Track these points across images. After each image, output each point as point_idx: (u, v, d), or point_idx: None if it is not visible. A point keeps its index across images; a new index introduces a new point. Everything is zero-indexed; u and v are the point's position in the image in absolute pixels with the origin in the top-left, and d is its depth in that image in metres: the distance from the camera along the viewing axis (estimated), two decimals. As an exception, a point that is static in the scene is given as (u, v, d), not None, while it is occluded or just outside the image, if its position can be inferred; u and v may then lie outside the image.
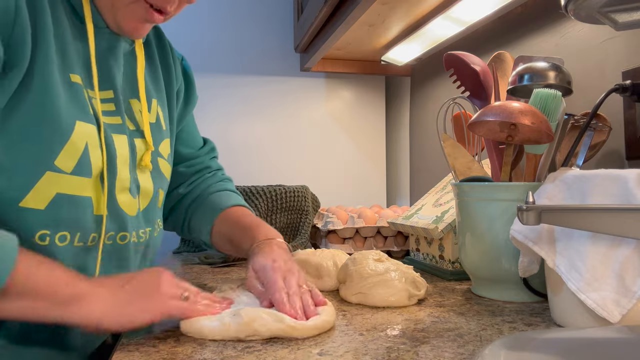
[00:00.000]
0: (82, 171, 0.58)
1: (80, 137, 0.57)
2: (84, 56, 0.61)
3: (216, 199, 0.84)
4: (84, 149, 0.58)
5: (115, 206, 0.62)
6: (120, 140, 0.64)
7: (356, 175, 1.66)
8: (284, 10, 1.59)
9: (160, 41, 0.80)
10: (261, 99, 1.57)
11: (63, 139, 0.56)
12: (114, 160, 0.62)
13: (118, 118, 0.65)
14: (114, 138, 0.63)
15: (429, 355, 0.47)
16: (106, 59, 0.65)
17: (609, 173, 0.54)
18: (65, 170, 0.56)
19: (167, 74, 0.80)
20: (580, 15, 0.60)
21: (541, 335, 0.46)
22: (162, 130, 0.75)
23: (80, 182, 0.58)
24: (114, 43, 0.66)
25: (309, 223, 1.16)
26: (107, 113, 0.64)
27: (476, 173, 0.77)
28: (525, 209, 0.51)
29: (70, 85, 0.58)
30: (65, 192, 0.57)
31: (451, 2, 1.01)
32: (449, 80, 0.85)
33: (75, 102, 0.58)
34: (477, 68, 0.78)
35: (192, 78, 0.87)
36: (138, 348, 0.51)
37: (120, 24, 0.63)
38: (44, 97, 0.54)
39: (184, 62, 0.86)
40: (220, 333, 0.53)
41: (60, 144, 0.55)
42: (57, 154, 0.55)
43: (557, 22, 0.91)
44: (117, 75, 0.66)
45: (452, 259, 0.86)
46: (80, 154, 0.57)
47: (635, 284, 0.50)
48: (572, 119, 0.75)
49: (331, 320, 0.56)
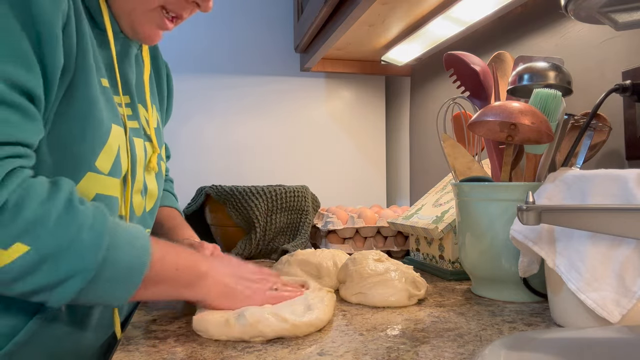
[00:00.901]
0: (116, 172, 0.60)
1: (115, 140, 0.60)
2: (106, 62, 0.63)
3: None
4: (117, 151, 0.60)
5: (131, 207, 0.65)
6: (139, 143, 0.67)
7: (356, 175, 1.66)
8: (284, 10, 1.59)
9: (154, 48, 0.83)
10: (261, 99, 1.57)
11: (103, 140, 0.58)
12: (135, 162, 0.64)
13: (136, 122, 0.68)
14: (134, 141, 0.65)
15: (429, 355, 0.47)
16: (123, 65, 0.67)
17: (609, 173, 0.54)
18: (103, 172, 0.58)
19: (159, 80, 0.83)
20: (580, 15, 0.60)
21: (541, 335, 0.45)
22: (162, 134, 0.78)
23: (112, 183, 0.60)
24: (127, 49, 0.68)
25: (309, 223, 1.16)
26: (128, 117, 0.66)
27: (476, 173, 0.77)
28: (525, 209, 0.51)
29: (103, 89, 0.60)
30: (102, 192, 0.59)
31: (451, 2, 1.01)
32: (449, 80, 0.85)
33: (109, 105, 0.60)
34: (477, 68, 0.78)
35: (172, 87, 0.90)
36: (138, 348, 0.51)
37: (137, 30, 0.65)
38: (87, 100, 0.56)
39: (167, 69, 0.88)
40: (225, 333, 0.53)
41: (101, 146, 0.58)
42: (97, 155, 0.57)
43: (557, 22, 0.91)
44: (132, 80, 0.69)
45: (452, 259, 0.86)
46: (115, 156, 0.59)
47: (635, 284, 0.50)
48: (572, 119, 0.75)
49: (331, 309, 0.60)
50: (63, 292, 0.48)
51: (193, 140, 1.51)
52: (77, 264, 0.47)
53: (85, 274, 0.47)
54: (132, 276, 0.51)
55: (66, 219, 0.48)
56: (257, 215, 1.08)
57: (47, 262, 0.46)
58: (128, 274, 0.51)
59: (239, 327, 0.52)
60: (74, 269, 0.47)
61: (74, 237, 0.47)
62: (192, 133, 1.51)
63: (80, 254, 0.47)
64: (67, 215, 0.48)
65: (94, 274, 0.48)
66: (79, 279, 0.47)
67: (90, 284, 0.48)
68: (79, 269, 0.47)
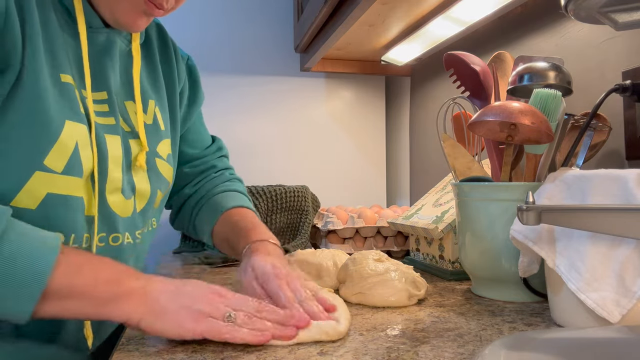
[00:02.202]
0: (73, 171, 0.57)
1: (70, 137, 0.56)
2: (76, 56, 0.61)
3: (220, 200, 0.83)
4: (74, 148, 0.57)
5: (105, 207, 0.62)
6: (113, 140, 0.63)
7: (356, 175, 1.66)
8: (284, 10, 1.59)
9: (163, 41, 0.79)
10: (261, 99, 1.57)
11: (52, 138, 0.55)
12: (105, 160, 0.61)
13: (112, 119, 0.64)
14: (106, 138, 0.62)
15: (429, 355, 0.47)
16: (100, 60, 0.65)
17: (609, 173, 0.54)
18: (55, 170, 0.55)
19: (168, 74, 0.79)
20: (580, 15, 0.60)
21: (541, 335, 0.45)
22: (160, 131, 0.74)
23: (71, 182, 0.57)
24: (109, 43, 0.66)
25: (309, 223, 1.16)
26: (100, 113, 0.63)
27: (476, 173, 0.77)
28: (525, 209, 0.51)
29: (60, 85, 0.57)
30: (56, 192, 0.56)
31: (451, 2, 1.01)
32: (449, 80, 0.85)
33: (65, 101, 0.57)
34: (477, 68, 0.78)
35: (197, 78, 0.86)
36: (138, 348, 0.51)
37: (118, 17, 0.62)
38: (33, 98, 0.54)
39: (189, 61, 0.85)
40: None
41: (50, 144, 0.55)
42: (46, 153, 0.54)
43: (557, 22, 0.91)
44: (111, 76, 0.66)
45: (452, 259, 0.86)
46: (70, 154, 0.56)
47: (635, 284, 0.50)
48: (572, 119, 0.75)
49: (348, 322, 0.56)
50: None
51: (193, 140, 1.51)
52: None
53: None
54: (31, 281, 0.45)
55: None
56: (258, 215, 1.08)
57: None
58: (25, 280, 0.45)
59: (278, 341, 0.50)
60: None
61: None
62: (192, 133, 1.51)
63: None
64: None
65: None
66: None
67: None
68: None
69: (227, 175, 0.91)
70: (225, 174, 0.91)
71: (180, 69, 0.81)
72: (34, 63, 0.54)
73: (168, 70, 0.79)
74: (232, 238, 0.76)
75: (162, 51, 0.79)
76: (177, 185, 0.85)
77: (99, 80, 0.64)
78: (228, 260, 1.05)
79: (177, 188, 0.86)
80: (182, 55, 0.83)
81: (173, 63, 0.79)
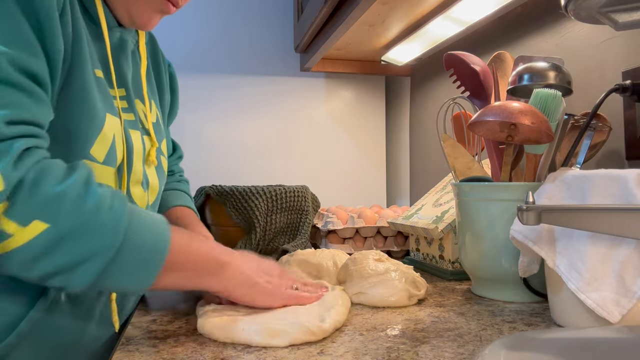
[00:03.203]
0: (110, 161, 0.60)
1: (110, 129, 0.60)
2: (100, 54, 0.63)
3: (164, 198, 0.87)
4: (112, 140, 0.60)
5: (130, 198, 0.65)
6: (135, 135, 0.67)
7: (356, 175, 1.66)
8: (284, 10, 1.59)
9: (153, 45, 0.82)
10: (261, 99, 1.57)
11: (97, 129, 0.58)
12: (132, 153, 0.64)
13: (132, 115, 0.68)
14: (130, 132, 0.65)
15: (429, 355, 0.47)
16: (118, 57, 0.67)
17: (609, 173, 0.54)
18: (98, 160, 0.58)
19: (159, 78, 0.82)
20: (580, 15, 0.60)
21: (541, 335, 0.45)
22: (162, 130, 0.77)
23: (107, 172, 0.60)
24: (123, 42, 0.68)
25: (309, 223, 1.16)
26: (123, 110, 0.66)
27: (476, 173, 0.77)
28: (525, 209, 0.51)
29: (97, 80, 0.60)
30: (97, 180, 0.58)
31: (451, 2, 1.01)
32: (449, 80, 0.85)
33: (103, 95, 0.61)
34: (477, 68, 0.78)
35: (177, 87, 0.89)
36: (138, 348, 0.51)
37: (134, 16, 0.65)
38: (82, 90, 0.57)
39: (171, 68, 0.88)
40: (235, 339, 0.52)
41: (95, 134, 0.58)
42: (92, 143, 0.57)
43: (557, 22, 0.91)
44: (127, 74, 0.69)
45: (452, 259, 0.86)
46: (109, 145, 0.60)
47: (635, 284, 0.50)
48: (572, 119, 0.75)
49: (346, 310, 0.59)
50: (83, 274, 0.47)
51: (193, 140, 1.51)
52: (97, 244, 0.47)
53: (105, 254, 0.47)
54: (153, 259, 0.50)
55: (85, 198, 0.47)
56: (257, 215, 1.08)
57: (67, 241, 0.46)
58: (149, 256, 0.50)
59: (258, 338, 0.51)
60: (94, 248, 0.46)
61: (93, 217, 0.47)
62: (192, 133, 1.51)
63: (99, 234, 0.47)
64: (86, 194, 0.48)
65: (114, 254, 0.47)
66: (98, 259, 0.47)
67: (110, 267, 0.47)
68: (98, 248, 0.47)
69: (177, 176, 0.96)
70: (176, 175, 0.96)
71: (166, 74, 0.85)
72: (80, 56, 0.57)
73: (158, 74, 0.83)
74: None
75: (153, 55, 0.82)
76: None
77: (119, 77, 0.67)
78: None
79: None
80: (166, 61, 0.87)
81: (162, 67, 0.83)
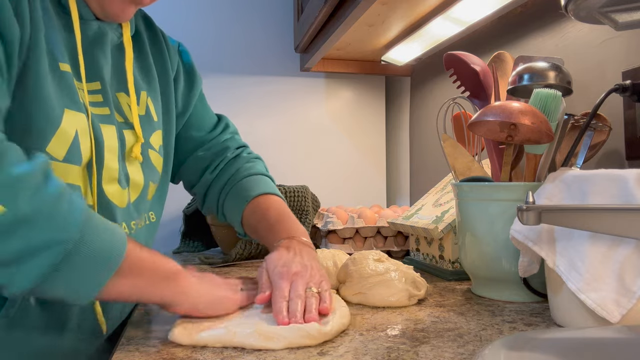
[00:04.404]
0: (73, 159, 0.58)
1: (70, 125, 0.57)
2: (70, 47, 0.61)
3: (245, 186, 0.82)
4: (74, 136, 0.58)
5: (103, 197, 0.63)
6: (109, 130, 0.64)
7: (356, 175, 1.66)
8: (284, 10, 1.59)
9: (152, 31, 0.79)
10: (261, 99, 1.57)
11: (54, 126, 0.56)
12: (102, 150, 0.62)
13: (106, 109, 0.65)
14: (102, 128, 0.63)
15: (429, 355, 0.47)
16: (92, 51, 0.65)
17: (609, 173, 0.54)
18: (57, 158, 0.56)
19: (160, 64, 0.79)
20: (580, 15, 0.60)
21: (541, 335, 0.46)
22: (153, 122, 0.74)
23: (70, 170, 0.58)
24: (100, 35, 0.66)
25: (309, 223, 1.16)
26: (94, 104, 0.63)
27: (476, 173, 0.77)
28: (525, 209, 0.51)
29: (60, 73, 0.58)
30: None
31: (451, 2, 1.01)
32: (449, 80, 0.85)
33: (64, 90, 0.58)
34: (477, 68, 0.78)
35: (191, 63, 0.86)
36: (138, 348, 0.51)
37: (105, 7, 0.63)
38: (35, 85, 0.55)
39: (180, 47, 0.85)
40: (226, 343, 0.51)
41: (51, 132, 0.55)
42: (48, 140, 0.55)
43: (557, 22, 0.91)
44: (104, 67, 0.66)
45: (452, 259, 0.86)
46: (70, 142, 0.57)
47: (635, 284, 0.50)
48: (572, 119, 0.75)
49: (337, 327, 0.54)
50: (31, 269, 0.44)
51: (193, 140, 1.50)
52: (55, 235, 0.45)
53: (62, 247, 0.45)
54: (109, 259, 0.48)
55: (46, 185, 0.46)
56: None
57: (24, 226, 0.43)
58: (106, 256, 0.48)
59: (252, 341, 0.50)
60: (51, 240, 0.44)
61: (52, 205, 0.45)
62: (192, 133, 1.51)
63: (59, 224, 0.45)
64: (46, 182, 0.46)
65: (72, 248, 0.45)
66: (54, 252, 0.44)
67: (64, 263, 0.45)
68: (56, 240, 0.44)
69: (245, 156, 0.89)
70: (243, 154, 0.90)
71: (172, 56, 0.81)
72: (37, 50, 0.55)
73: (160, 59, 0.79)
74: (260, 231, 0.78)
75: (153, 41, 0.79)
76: (195, 170, 0.85)
77: (92, 70, 0.64)
78: (228, 260, 1.05)
79: (196, 174, 0.86)
80: (172, 43, 0.83)
81: (165, 52, 0.80)
